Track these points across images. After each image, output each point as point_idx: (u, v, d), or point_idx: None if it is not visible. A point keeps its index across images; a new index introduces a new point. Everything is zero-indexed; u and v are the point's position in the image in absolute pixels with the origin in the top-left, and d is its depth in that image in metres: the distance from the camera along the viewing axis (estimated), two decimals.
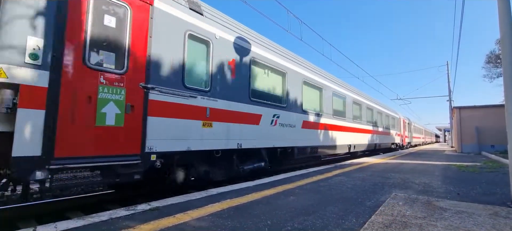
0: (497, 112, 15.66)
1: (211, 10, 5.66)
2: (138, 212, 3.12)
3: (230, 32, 5.84)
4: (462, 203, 3.72)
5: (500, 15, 3.98)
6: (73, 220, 2.78)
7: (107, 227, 2.60)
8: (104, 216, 2.93)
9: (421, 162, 10.20)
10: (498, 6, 4.02)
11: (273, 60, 7.11)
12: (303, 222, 2.83)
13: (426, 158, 12.62)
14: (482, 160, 11.39)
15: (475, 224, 2.81)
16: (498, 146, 15.68)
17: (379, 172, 6.99)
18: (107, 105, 3.60)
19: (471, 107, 18.09)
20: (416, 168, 8.06)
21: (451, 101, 26.41)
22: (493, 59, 27.30)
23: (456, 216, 3.08)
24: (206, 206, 3.42)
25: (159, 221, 2.79)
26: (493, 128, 16.13)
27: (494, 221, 2.91)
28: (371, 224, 2.80)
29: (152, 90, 4.11)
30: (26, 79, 3.01)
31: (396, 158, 12.41)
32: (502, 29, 3.96)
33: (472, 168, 8.03)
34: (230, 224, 2.74)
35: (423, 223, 2.81)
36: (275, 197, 3.99)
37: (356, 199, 3.91)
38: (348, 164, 9.18)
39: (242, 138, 5.87)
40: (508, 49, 3.87)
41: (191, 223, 2.76)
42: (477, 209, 3.39)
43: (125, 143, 3.75)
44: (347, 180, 5.63)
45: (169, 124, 4.36)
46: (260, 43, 6.82)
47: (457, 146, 18.44)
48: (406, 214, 3.15)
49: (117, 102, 3.70)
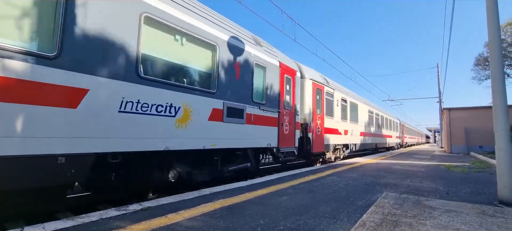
0: (485, 113, 16.05)
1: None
2: (130, 212, 3.08)
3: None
4: (451, 202, 3.80)
5: (489, 19, 4.08)
6: (62, 221, 2.72)
7: (97, 228, 2.56)
8: (94, 216, 2.88)
9: (412, 162, 10.37)
10: (487, 10, 4.12)
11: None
12: (295, 222, 2.84)
13: (416, 158, 12.83)
14: (470, 160, 11.65)
15: (463, 223, 2.87)
16: (486, 147, 16.08)
17: (370, 172, 7.08)
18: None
19: (460, 108, 18.49)
20: (406, 168, 8.19)
21: (441, 102, 26.95)
22: (481, 61, 27.95)
23: (445, 215, 3.14)
24: (199, 206, 3.40)
25: (151, 221, 2.76)
26: (482, 129, 16.52)
27: (481, 220, 2.98)
28: (363, 223, 2.83)
29: None
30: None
31: (387, 158, 12.58)
32: (490, 32, 4.05)
33: (461, 168, 8.20)
34: (223, 224, 2.73)
35: (413, 222, 2.86)
36: (268, 197, 4.00)
37: (348, 199, 3.95)
38: (340, 164, 9.27)
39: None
40: (496, 52, 3.98)
41: (183, 223, 2.74)
42: (465, 208, 3.47)
43: None
44: (339, 180, 5.68)
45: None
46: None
47: (447, 146, 18.82)
48: (397, 213, 3.20)
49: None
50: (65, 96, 3.14)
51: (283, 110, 7.39)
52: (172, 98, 4.39)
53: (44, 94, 2.97)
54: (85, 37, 3.35)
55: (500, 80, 3.91)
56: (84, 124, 3.30)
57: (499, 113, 3.85)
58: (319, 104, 9.83)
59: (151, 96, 4.06)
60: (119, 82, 3.68)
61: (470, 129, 17.30)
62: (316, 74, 10.10)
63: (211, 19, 5.40)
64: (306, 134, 8.83)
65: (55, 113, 3.06)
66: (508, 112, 3.89)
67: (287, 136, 7.51)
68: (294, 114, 8.00)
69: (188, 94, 4.69)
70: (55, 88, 3.06)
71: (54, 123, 3.05)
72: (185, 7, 4.80)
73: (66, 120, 3.15)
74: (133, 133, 3.83)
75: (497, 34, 4.00)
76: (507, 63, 25.87)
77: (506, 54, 24.62)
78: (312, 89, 9.29)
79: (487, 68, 26.57)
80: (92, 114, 3.38)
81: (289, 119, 7.70)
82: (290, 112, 7.77)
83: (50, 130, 3.02)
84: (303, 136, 8.77)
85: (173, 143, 4.39)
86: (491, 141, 4.10)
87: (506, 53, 24.54)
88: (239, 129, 5.78)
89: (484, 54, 27.33)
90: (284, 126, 7.39)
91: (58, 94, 3.08)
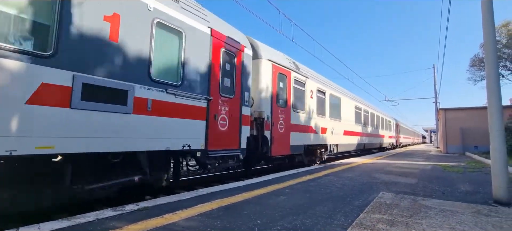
0: (481, 114, 16.21)
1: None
2: (126, 212, 3.06)
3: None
4: (447, 202, 3.83)
5: (484, 20, 4.13)
6: (57, 221, 2.70)
7: (93, 228, 2.54)
8: (90, 216, 2.86)
9: (408, 162, 10.44)
10: (482, 12, 4.16)
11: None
12: (293, 222, 2.85)
13: (412, 158, 12.93)
14: (466, 160, 11.76)
15: (458, 222, 2.89)
16: (481, 147, 16.24)
17: (367, 172, 7.11)
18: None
19: (456, 109, 18.66)
20: (403, 168, 8.25)
21: (437, 103, 27.18)
22: (477, 62, 28.23)
23: (441, 215, 3.17)
24: (196, 206, 3.39)
25: (148, 221, 2.75)
26: (477, 129, 16.69)
27: (476, 219, 3.01)
28: (359, 222, 2.84)
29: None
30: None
31: (383, 158, 12.66)
32: (485, 34, 4.10)
33: (456, 168, 8.28)
34: (220, 224, 2.73)
35: (409, 221, 2.88)
36: (266, 197, 4.00)
37: (344, 199, 3.96)
38: (338, 164, 9.30)
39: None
40: (491, 53, 4.02)
41: (180, 223, 2.73)
42: (460, 208, 3.50)
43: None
44: (336, 180, 5.70)
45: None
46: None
47: (443, 146, 18.99)
48: (393, 213, 3.22)
49: None
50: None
51: (219, 97, 5.40)
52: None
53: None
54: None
55: (495, 81, 3.95)
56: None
57: (494, 114, 3.89)
58: (283, 94, 7.76)
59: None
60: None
61: (465, 129, 17.47)
62: (279, 56, 8.01)
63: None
64: (262, 132, 6.79)
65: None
66: (502, 112, 3.94)
67: (224, 134, 5.53)
68: (240, 104, 5.98)
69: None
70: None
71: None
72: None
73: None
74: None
75: (492, 35, 4.04)
76: (502, 64, 26.15)
77: (501, 55, 24.89)
78: (272, 73, 7.26)
79: (482, 69, 26.83)
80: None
81: (230, 111, 5.68)
82: (232, 101, 5.77)
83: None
84: (258, 134, 6.82)
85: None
86: (486, 141, 4.15)
87: (501, 54, 24.80)
88: (118, 121, 3.67)
89: (479, 55, 27.58)
90: (218, 119, 5.39)
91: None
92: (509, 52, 24.80)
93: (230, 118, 5.70)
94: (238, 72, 6.00)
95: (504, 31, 23.74)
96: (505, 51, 24.88)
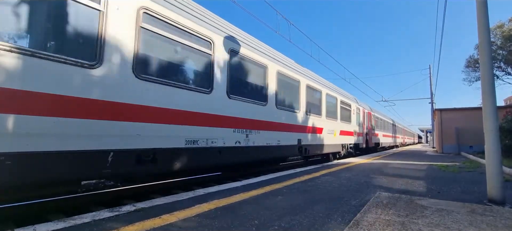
0: (476, 114, 16.35)
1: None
2: (123, 213, 3.05)
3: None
4: (442, 201, 3.87)
5: (479, 22, 4.17)
6: (53, 222, 2.67)
7: (90, 229, 2.52)
8: (86, 217, 2.84)
9: (404, 162, 10.51)
10: (477, 13, 4.21)
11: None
12: (290, 221, 2.85)
13: (409, 158, 13.01)
14: (461, 160, 11.87)
15: (454, 221, 2.92)
16: (476, 147, 16.38)
17: (364, 172, 7.15)
18: None
19: (451, 109, 18.81)
20: (399, 168, 8.30)
21: (433, 103, 27.38)
22: (472, 63, 28.53)
23: (437, 214, 3.19)
24: (193, 207, 3.38)
25: (144, 222, 2.74)
26: (472, 129, 16.82)
27: (471, 218, 3.04)
28: (356, 222, 2.86)
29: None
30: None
31: (380, 158, 12.73)
32: (480, 35, 4.14)
33: (452, 168, 8.35)
34: (217, 224, 2.73)
35: (405, 221, 2.90)
36: (263, 197, 4.00)
37: (342, 198, 3.98)
38: (335, 164, 9.33)
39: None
40: (486, 55, 4.06)
41: (177, 224, 2.72)
42: (456, 207, 3.53)
43: None
44: (333, 180, 5.72)
45: None
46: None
47: (438, 146, 19.12)
48: (390, 213, 3.24)
49: None
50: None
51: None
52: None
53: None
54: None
55: (489, 82, 3.99)
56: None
57: (488, 114, 3.93)
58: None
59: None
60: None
61: (461, 129, 17.62)
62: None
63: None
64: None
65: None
66: (497, 113, 3.98)
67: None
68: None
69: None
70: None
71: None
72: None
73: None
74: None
75: (487, 36, 4.09)
76: (497, 65, 26.40)
77: (496, 57, 25.12)
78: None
79: (477, 70, 27.13)
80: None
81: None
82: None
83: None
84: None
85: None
86: (481, 141, 4.19)
87: (496, 55, 25.04)
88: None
89: (474, 56, 27.83)
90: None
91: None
92: (504, 54, 25.08)
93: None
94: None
95: (499, 33, 23.98)
96: (499, 52, 25.13)
